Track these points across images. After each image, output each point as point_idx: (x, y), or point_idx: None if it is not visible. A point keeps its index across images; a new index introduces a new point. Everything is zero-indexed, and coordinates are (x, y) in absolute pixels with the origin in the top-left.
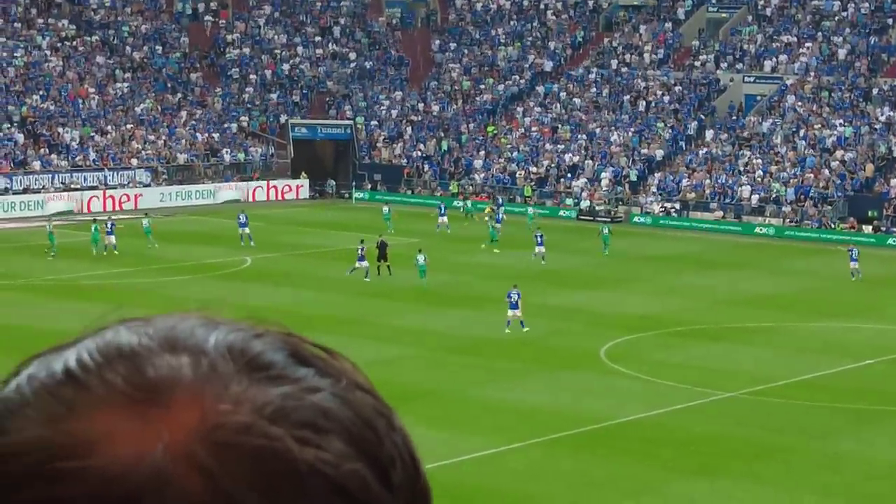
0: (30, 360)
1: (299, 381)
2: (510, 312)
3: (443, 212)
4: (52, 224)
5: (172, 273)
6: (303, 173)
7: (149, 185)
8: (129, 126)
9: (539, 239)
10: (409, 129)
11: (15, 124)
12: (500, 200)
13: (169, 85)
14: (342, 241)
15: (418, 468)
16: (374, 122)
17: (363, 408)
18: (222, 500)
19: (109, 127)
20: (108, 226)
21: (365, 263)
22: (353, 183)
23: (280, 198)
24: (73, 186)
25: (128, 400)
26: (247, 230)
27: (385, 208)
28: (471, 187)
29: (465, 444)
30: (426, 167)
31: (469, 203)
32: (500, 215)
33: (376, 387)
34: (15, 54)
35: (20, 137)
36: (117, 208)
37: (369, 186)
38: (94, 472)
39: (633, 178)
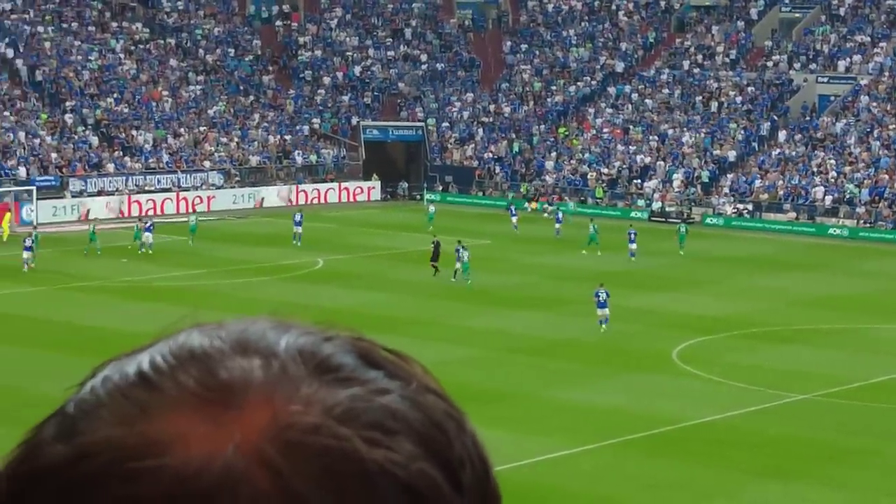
0: (104, 364)
1: (368, 382)
2: (600, 311)
3: (514, 212)
4: (94, 225)
5: (245, 275)
6: (374, 175)
7: (221, 187)
8: (201, 128)
9: (631, 236)
10: (480, 131)
11: (90, 127)
12: (551, 202)
13: (241, 87)
14: (413, 242)
15: (488, 471)
16: (445, 124)
17: (433, 410)
18: (292, 498)
19: (182, 129)
20: (147, 224)
21: (458, 265)
22: (425, 185)
23: (352, 199)
24: (146, 189)
25: (200, 401)
26: (299, 229)
27: (431, 208)
28: (542, 188)
29: (537, 446)
30: (497, 169)
31: (538, 204)
32: (560, 215)
33: (449, 389)
34: (89, 57)
35: (94, 140)
36: (189, 210)
37: (440, 188)
38: (168, 471)
39: (706, 179)
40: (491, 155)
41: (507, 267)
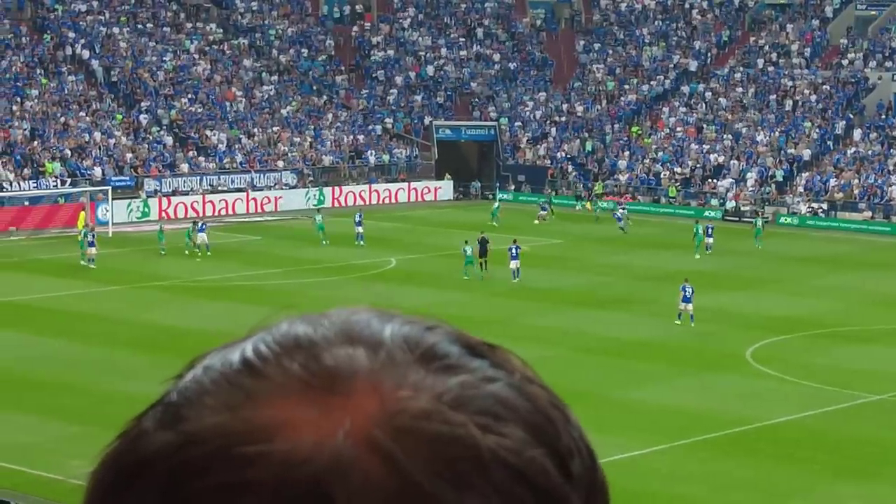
0: (203, 355)
1: (475, 371)
2: (683, 305)
3: (543, 207)
4: (162, 224)
5: (318, 274)
6: (446, 175)
7: (294, 187)
8: (275, 129)
9: (709, 230)
10: (553, 130)
11: (164, 127)
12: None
13: (314, 87)
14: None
15: (595, 461)
16: (518, 124)
17: (539, 400)
18: (405, 484)
19: (256, 129)
20: (200, 225)
21: (514, 264)
22: (497, 184)
23: (424, 199)
24: (220, 188)
25: (306, 387)
26: (360, 229)
27: (496, 204)
28: (615, 188)
29: (610, 446)
30: (570, 168)
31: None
32: (618, 214)
33: None
34: (164, 58)
35: (169, 140)
36: (261, 210)
37: (513, 187)
38: (277, 457)
39: (780, 178)
40: (563, 154)
41: (580, 266)
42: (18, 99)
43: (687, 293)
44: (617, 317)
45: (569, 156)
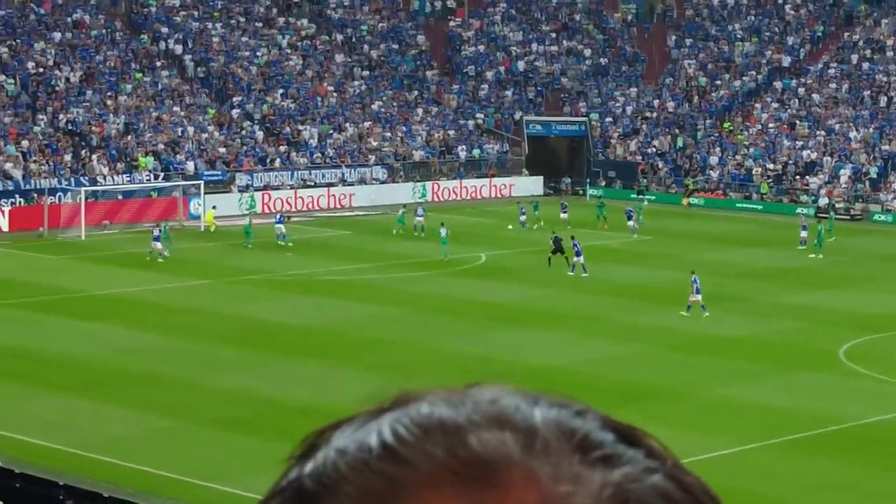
0: (325, 432)
1: (633, 462)
2: (695, 297)
3: (564, 209)
4: (251, 218)
5: (408, 269)
6: (529, 171)
7: (384, 182)
8: (366, 124)
9: (804, 225)
10: (643, 126)
11: (256, 122)
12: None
13: (405, 83)
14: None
15: None
16: (608, 119)
17: (697, 490)
18: None
19: (347, 124)
20: (277, 217)
21: (580, 259)
22: (588, 180)
23: (514, 195)
24: (310, 183)
25: (455, 477)
26: (421, 220)
27: (599, 202)
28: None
29: (700, 444)
30: (661, 164)
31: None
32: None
33: (613, 385)
34: (256, 53)
35: (260, 135)
36: (351, 205)
37: (604, 183)
38: None
39: (874, 175)
40: (654, 150)
41: (668, 263)
42: (113, 94)
43: (698, 285)
44: (707, 314)
45: (659, 151)
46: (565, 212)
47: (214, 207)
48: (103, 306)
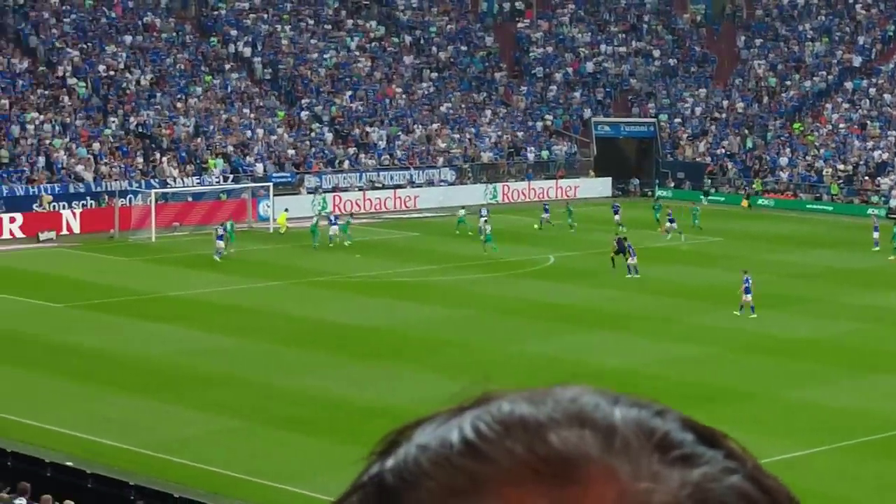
0: (407, 429)
1: (712, 461)
2: (745, 297)
3: (616, 211)
4: (318, 220)
5: (476, 271)
6: (595, 172)
7: (452, 184)
8: (434, 125)
9: (876, 225)
10: (713, 127)
11: (325, 124)
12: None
13: (473, 84)
14: (644, 239)
15: None
16: (677, 120)
17: (777, 493)
18: None
19: (415, 126)
20: (333, 218)
21: (633, 260)
22: (656, 181)
23: (582, 196)
24: (378, 185)
25: (536, 474)
26: (485, 220)
27: (696, 206)
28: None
29: (773, 446)
30: (730, 165)
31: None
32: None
33: (685, 388)
34: (325, 55)
35: (329, 137)
36: (418, 206)
37: (672, 184)
38: None
39: None
40: (723, 151)
41: (739, 264)
42: (183, 96)
43: (749, 284)
44: (777, 315)
45: (728, 152)
46: (617, 213)
47: (287, 210)
48: (173, 308)
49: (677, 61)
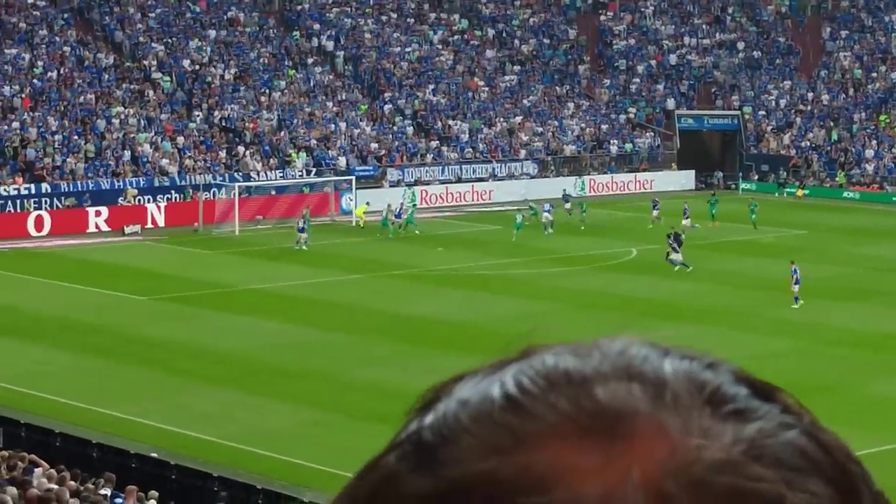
0: (447, 385)
1: (766, 417)
2: (793, 288)
3: (686, 214)
4: (389, 212)
5: (558, 264)
6: (673, 164)
7: (535, 177)
8: (517, 118)
9: None
10: (797, 119)
11: (407, 117)
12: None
13: (556, 77)
14: (728, 233)
15: None
16: (761, 113)
17: (836, 450)
18: None
19: (498, 119)
20: (395, 208)
21: (678, 257)
22: (740, 174)
23: (665, 189)
24: (462, 178)
25: (582, 430)
26: (549, 216)
27: (753, 201)
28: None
29: (856, 440)
30: (815, 157)
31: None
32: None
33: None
34: (407, 49)
35: (411, 130)
36: (503, 199)
37: (756, 177)
38: None
39: None
40: (808, 144)
41: (824, 257)
42: (266, 90)
43: (798, 275)
44: (862, 308)
45: (814, 145)
46: (656, 209)
47: (368, 203)
48: (256, 300)
49: (762, 53)
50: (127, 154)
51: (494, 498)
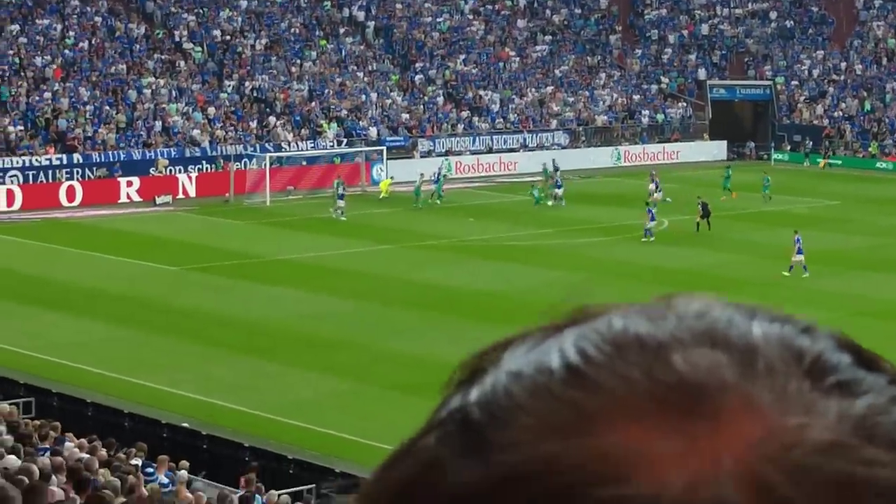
0: (492, 353)
1: (875, 390)
2: (797, 257)
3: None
4: (421, 180)
5: (589, 234)
6: (705, 134)
7: (566, 147)
8: (548, 88)
9: None
10: (830, 89)
11: (438, 88)
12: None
13: (588, 47)
14: (759, 203)
15: None
16: (794, 83)
17: None
18: None
19: (529, 89)
20: (432, 175)
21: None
22: (773, 144)
23: (697, 159)
24: (493, 149)
25: (660, 406)
26: (560, 191)
27: (766, 175)
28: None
29: None
30: (848, 128)
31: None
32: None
33: None
34: (438, 19)
35: (441, 100)
36: (534, 170)
37: (789, 148)
38: (639, 501)
39: None
40: (841, 114)
41: (856, 228)
42: (298, 61)
43: (800, 244)
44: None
45: (846, 115)
46: (654, 181)
47: (392, 177)
48: (287, 271)
49: (794, 22)
50: (158, 124)
51: (559, 488)
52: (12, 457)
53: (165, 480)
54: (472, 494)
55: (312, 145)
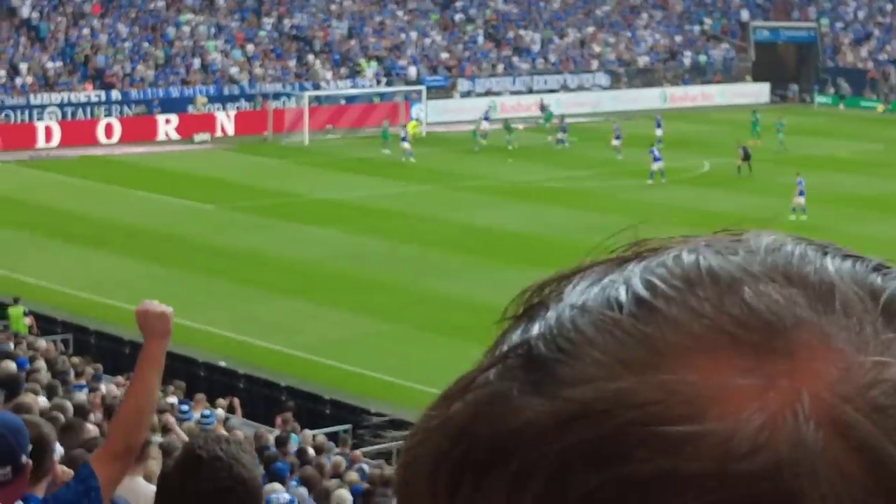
0: (551, 286)
1: None
2: (798, 199)
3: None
4: (479, 124)
5: (629, 177)
6: (748, 76)
7: (607, 88)
8: (589, 29)
9: None
10: (875, 31)
11: (479, 27)
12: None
13: None
14: (801, 146)
15: None
16: (839, 25)
17: None
18: (893, 485)
19: (570, 30)
20: (485, 115)
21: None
22: (816, 87)
23: (739, 102)
24: (534, 89)
25: (733, 342)
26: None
27: (780, 121)
28: None
29: None
30: (892, 71)
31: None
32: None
33: None
34: None
35: (481, 40)
36: (574, 111)
37: (832, 91)
38: (714, 440)
39: None
40: (886, 56)
41: None
42: None
43: (802, 187)
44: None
45: (891, 58)
46: (659, 127)
47: (418, 120)
48: (325, 210)
49: None
50: (196, 62)
51: (631, 425)
52: (42, 398)
53: (206, 416)
54: (540, 431)
55: (351, 84)
